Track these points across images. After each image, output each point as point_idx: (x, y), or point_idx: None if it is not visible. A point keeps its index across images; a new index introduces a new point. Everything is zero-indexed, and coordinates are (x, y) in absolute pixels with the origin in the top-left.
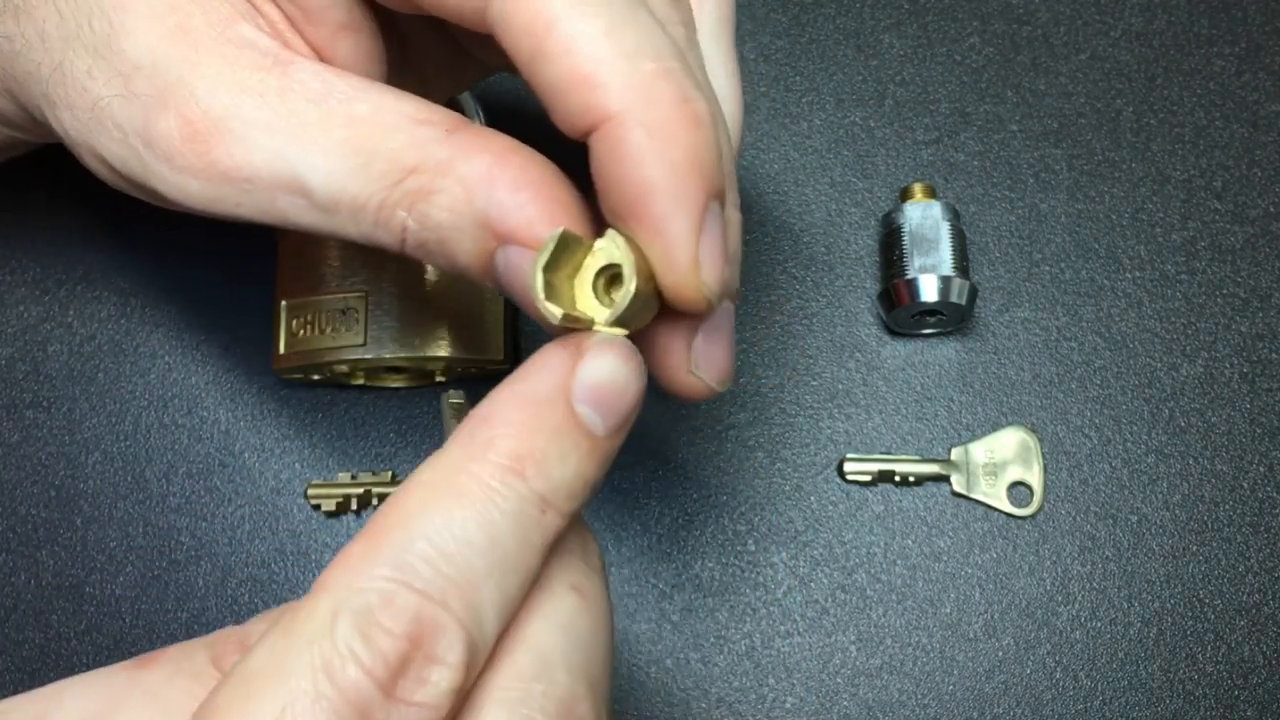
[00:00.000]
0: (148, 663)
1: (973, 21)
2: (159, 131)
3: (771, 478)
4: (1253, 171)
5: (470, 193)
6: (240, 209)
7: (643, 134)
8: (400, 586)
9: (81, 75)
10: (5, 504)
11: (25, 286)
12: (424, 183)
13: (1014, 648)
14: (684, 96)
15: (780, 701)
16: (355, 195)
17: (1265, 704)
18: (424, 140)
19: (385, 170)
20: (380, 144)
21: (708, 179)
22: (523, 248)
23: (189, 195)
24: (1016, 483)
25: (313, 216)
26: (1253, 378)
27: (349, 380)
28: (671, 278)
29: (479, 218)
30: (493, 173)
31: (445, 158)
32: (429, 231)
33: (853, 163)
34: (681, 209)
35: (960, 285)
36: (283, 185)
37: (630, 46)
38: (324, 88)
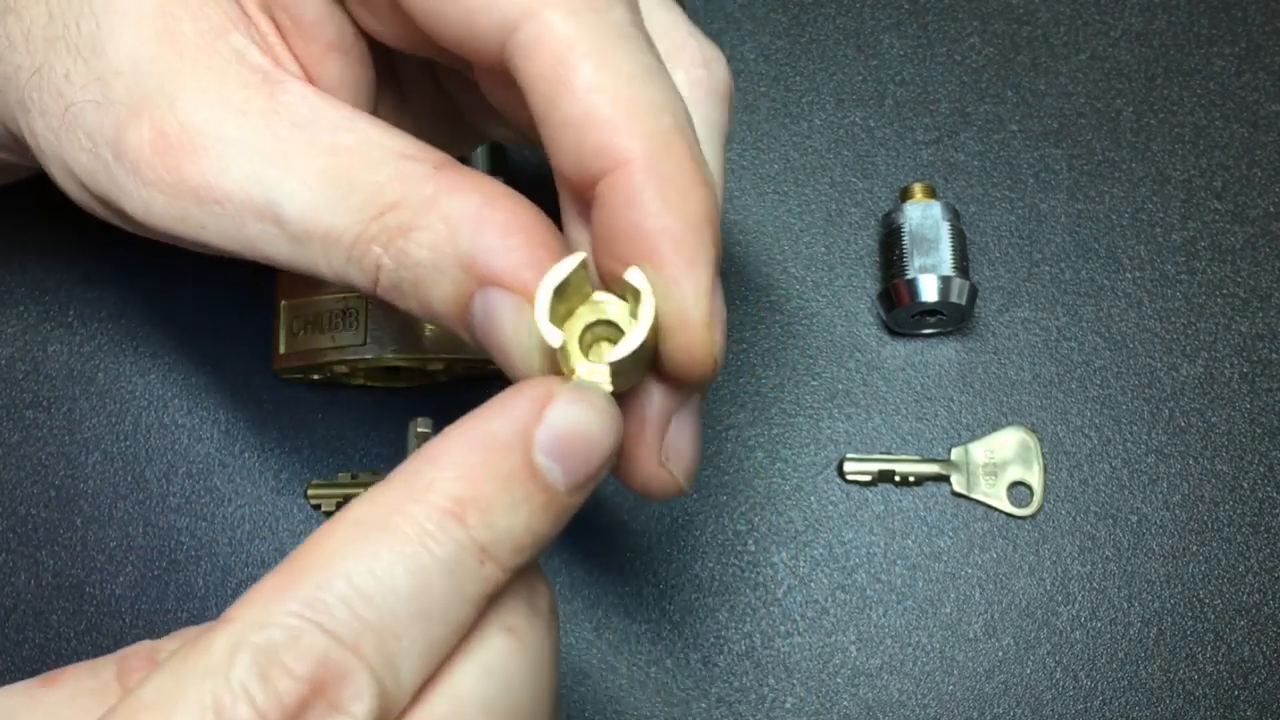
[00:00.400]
0: (50, 681)
1: (973, 21)
2: (129, 142)
3: (771, 478)
4: (1253, 171)
5: (454, 232)
6: (205, 232)
7: (662, 184)
8: (310, 625)
9: (59, 79)
10: (5, 504)
11: (25, 286)
12: (405, 219)
13: (1014, 648)
14: (695, 155)
15: (780, 701)
16: (330, 227)
17: (1265, 704)
18: (409, 176)
19: (364, 203)
20: (362, 176)
21: (716, 240)
22: (505, 292)
23: (153, 213)
24: (1016, 483)
25: (283, 247)
26: (1253, 378)
27: (349, 380)
28: (684, 335)
29: (462, 259)
30: (481, 213)
31: (430, 195)
32: (406, 270)
33: (853, 163)
34: (698, 263)
35: (960, 285)
36: (255, 210)
37: (654, 97)
38: (311, 113)
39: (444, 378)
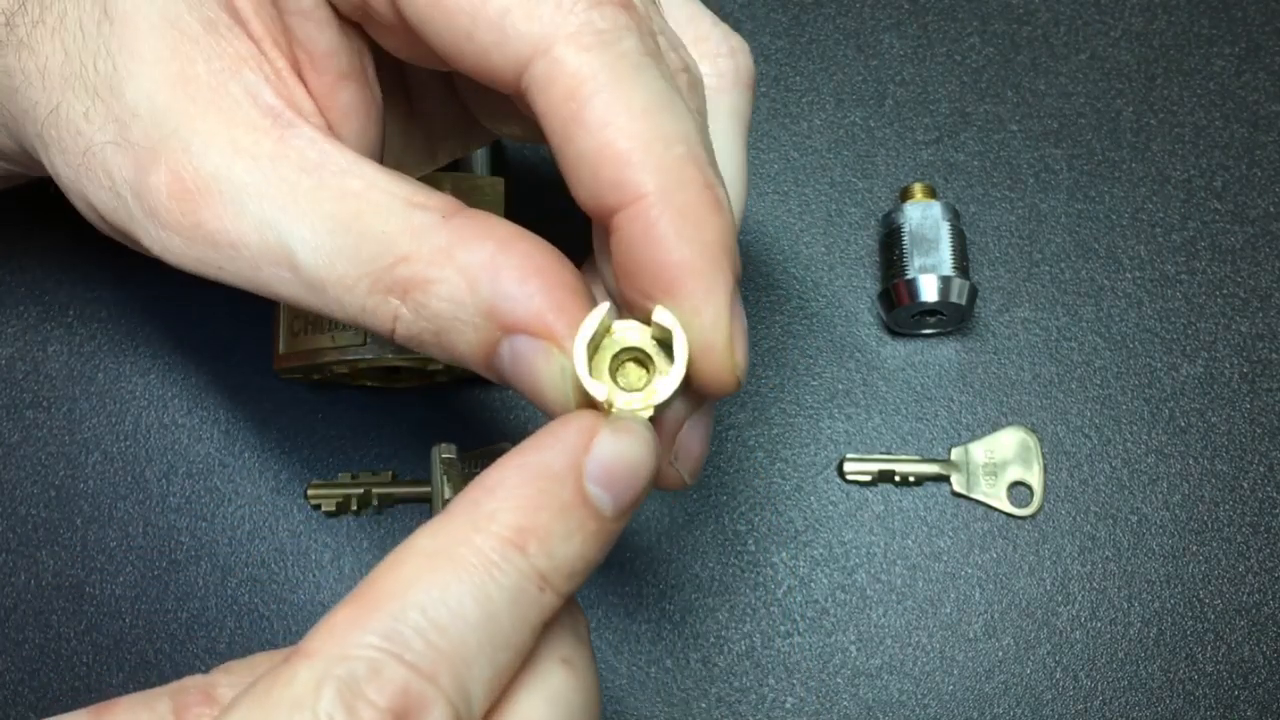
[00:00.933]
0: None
1: (973, 21)
2: (149, 185)
3: (771, 478)
4: (1253, 171)
5: (473, 283)
6: (223, 274)
7: (677, 216)
8: (389, 657)
9: (78, 118)
10: (5, 504)
11: (25, 286)
12: (418, 271)
13: (1014, 648)
14: (708, 181)
15: (780, 701)
16: (343, 276)
17: (1265, 704)
18: (419, 227)
19: (376, 254)
20: (372, 225)
21: (733, 262)
22: (533, 338)
23: (171, 253)
24: (1016, 483)
25: (298, 291)
26: (1253, 378)
27: (349, 380)
28: (708, 360)
29: (483, 308)
30: (496, 261)
31: (443, 245)
32: (426, 322)
33: (853, 163)
34: (717, 290)
35: (960, 285)
36: (269, 256)
37: (666, 129)
38: (319, 158)
39: (444, 378)
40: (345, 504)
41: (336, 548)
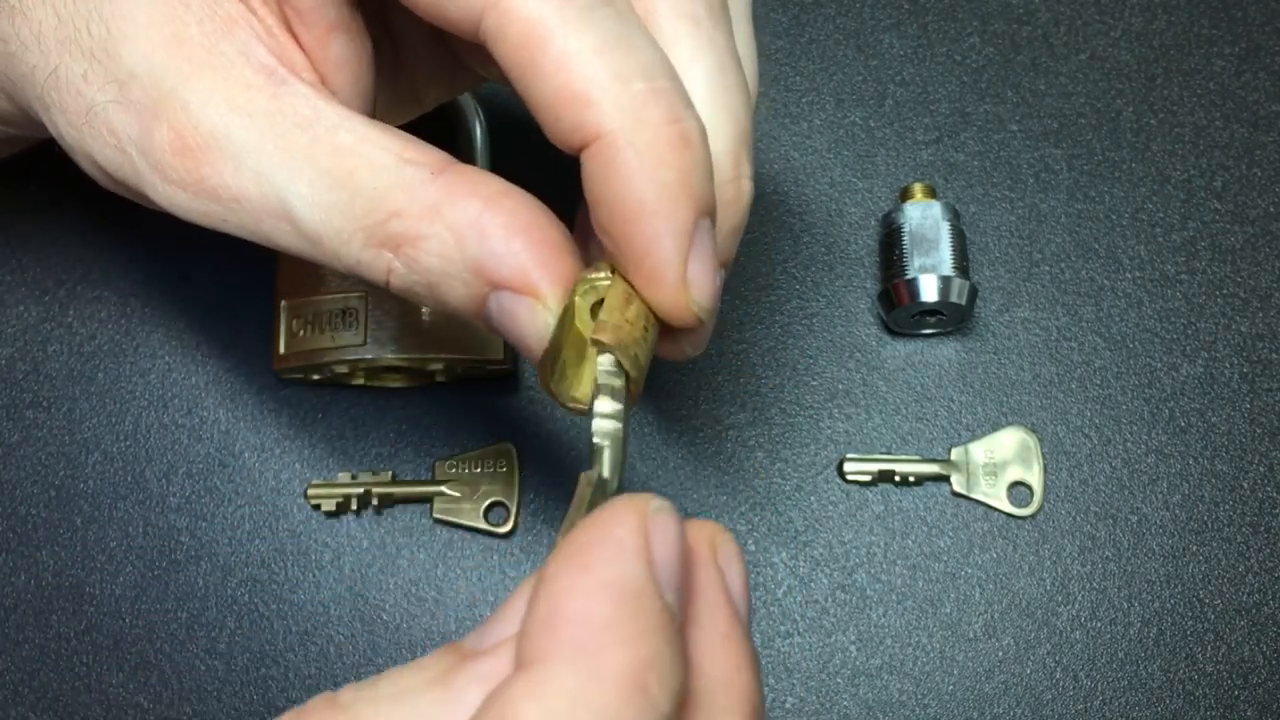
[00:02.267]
0: None
1: (973, 21)
2: (153, 142)
3: (771, 478)
4: (1253, 171)
5: (461, 240)
6: (228, 225)
7: (633, 154)
8: None
9: (77, 79)
10: (5, 504)
11: (25, 286)
12: (409, 227)
13: (1014, 648)
14: (673, 116)
15: (780, 701)
16: (339, 230)
17: (1265, 704)
18: (410, 182)
19: (368, 210)
20: (364, 181)
21: (697, 198)
22: (516, 294)
23: (178, 207)
24: (1016, 483)
25: (298, 243)
26: (1253, 378)
27: (349, 380)
28: (659, 296)
29: (471, 265)
30: (483, 219)
31: (432, 202)
32: (418, 276)
33: (853, 163)
34: (671, 230)
35: (960, 285)
36: (269, 210)
37: (622, 66)
38: (313, 113)
39: (444, 378)
40: (345, 504)
41: (336, 548)
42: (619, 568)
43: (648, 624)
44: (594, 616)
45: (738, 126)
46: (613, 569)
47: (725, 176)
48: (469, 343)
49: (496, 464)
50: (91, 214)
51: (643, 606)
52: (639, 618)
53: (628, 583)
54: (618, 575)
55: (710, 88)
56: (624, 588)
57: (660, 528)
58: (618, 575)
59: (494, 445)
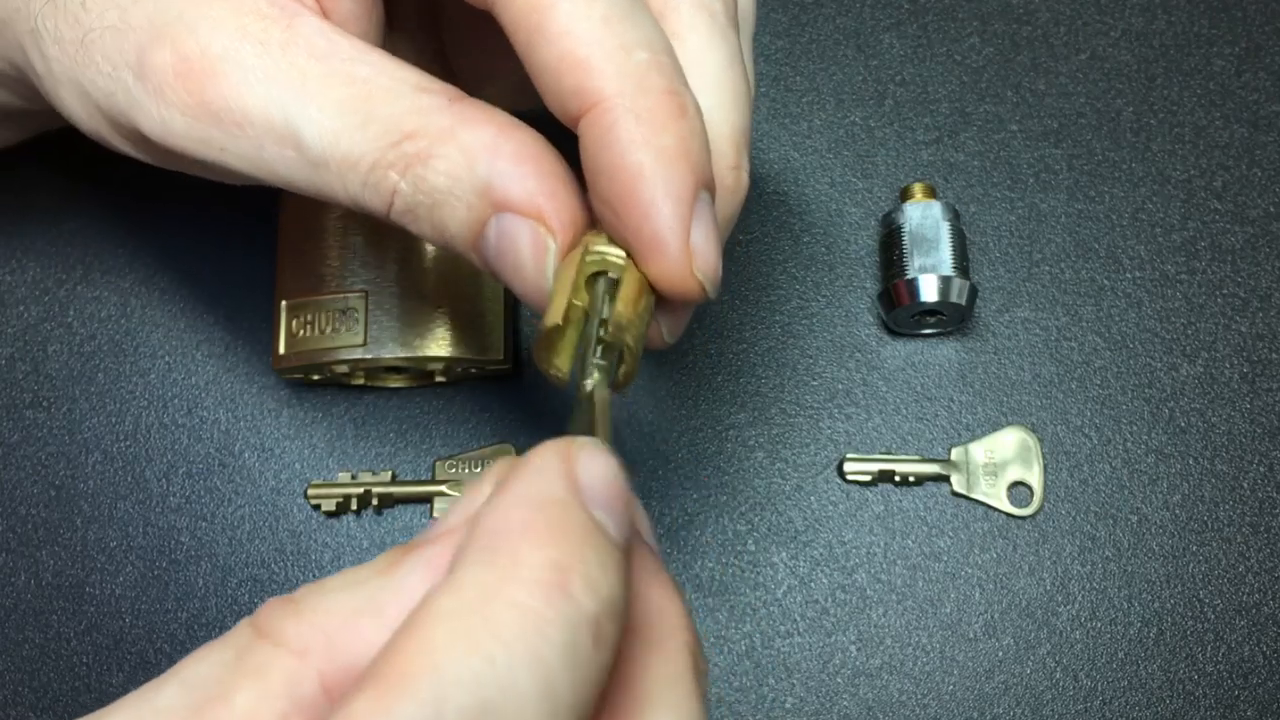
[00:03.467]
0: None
1: (973, 21)
2: (153, 64)
3: (771, 478)
4: (1253, 171)
5: (471, 160)
6: (224, 154)
7: (633, 120)
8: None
9: (75, 6)
10: (5, 504)
11: (25, 286)
12: (422, 147)
13: (1014, 648)
14: (673, 88)
15: (780, 701)
16: (348, 152)
17: (1265, 704)
18: (426, 107)
19: (382, 132)
20: (380, 107)
21: (696, 166)
22: (520, 217)
23: (171, 132)
24: (1016, 483)
25: (299, 171)
26: (1253, 378)
27: (349, 380)
28: (662, 264)
29: (478, 185)
30: (496, 142)
31: (447, 125)
32: (423, 195)
33: (853, 163)
34: (671, 195)
35: (960, 285)
36: (274, 134)
37: (627, 36)
38: (328, 46)
39: (444, 378)
40: (345, 504)
41: (336, 548)
42: (537, 484)
43: (567, 529)
44: (511, 522)
45: (742, 118)
46: (531, 485)
47: (726, 163)
48: (469, 343)
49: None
50: (92, 214)
51: (561, 514)
52: (558, 523)
53: (545, 494)
54: (534, 489)
55: (720, 77)
56: (540, 498)
57: (587, 457)
58: (534, 489)
59: (494, 445)
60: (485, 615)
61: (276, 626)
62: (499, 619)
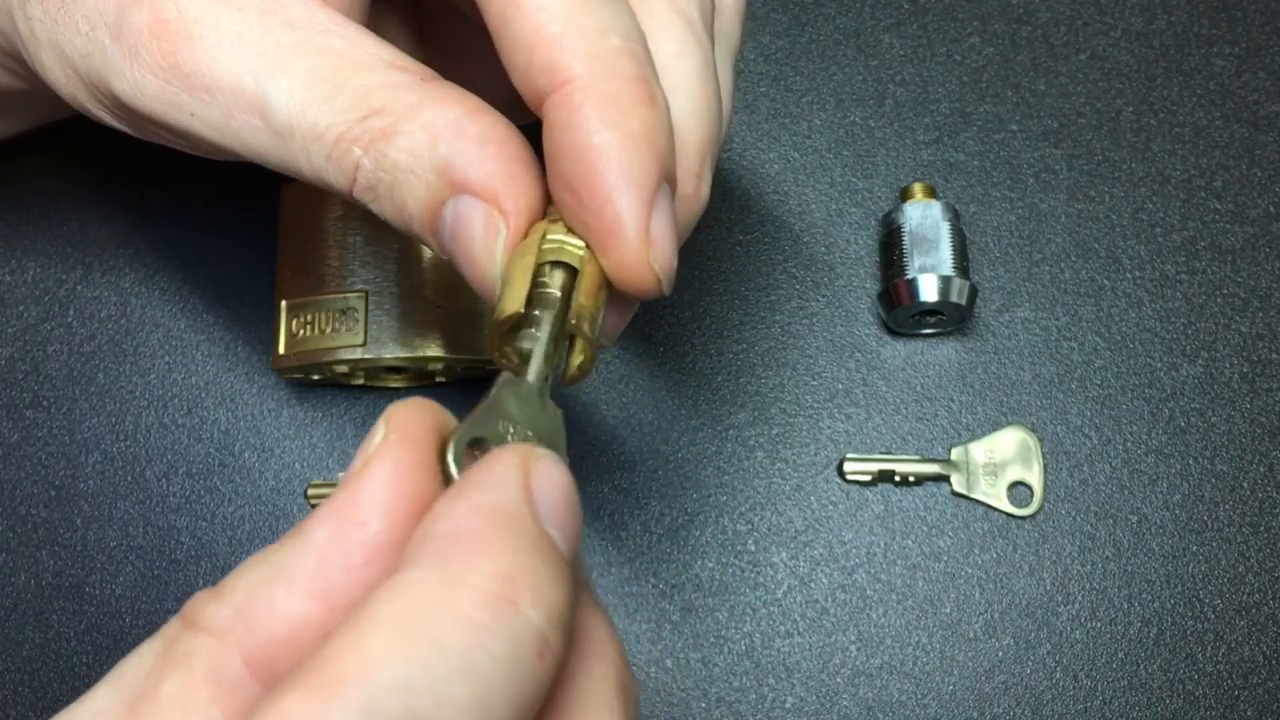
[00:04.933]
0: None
1: (973, 21)
2: (130, 24)
3: (771, 478)
4: (1253, 171)
5: (434, 138)
6: (192, 120)
7: (601, 100)
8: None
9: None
10: (5, 504)
11: (25, 286)
12: (388, 124)
13: (1014, 648)
14: (643, 75)
15: (780, 701)
16: (314, 123)
17: (1265, 704)
18: (395, 84)
19: (350, 105)
20: (351, 80)
21: (660, 157)
22: (476, 200)
23: (143, 94)
24: (1016, 483)
25: (265, 141)
26: (1253, 378)
27: (349, 380)
28: (619, 252)
29: (439, 164)
30: (461, 123)
31: (414, 102)
32: (383, 173)
33: (853, 163)
34: (635, 181)
35: (960, 285)
36: (243, 101)
37: (602, 20)
38: (306, 16)
39: (444, 378)
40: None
41: None
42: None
43: (520, 543)
44: (464, 530)
45: (709, 129)
46: (488, 495)
47: (689, 170)
48: (469, 343)
49: None
50: (91, 215)
51: (516, 527)
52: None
53: (501, 505)
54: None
55: (690, 83)
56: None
57: (544, 470)
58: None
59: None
60: (427, 623)
61: (199, 613)
62: (441, 628)
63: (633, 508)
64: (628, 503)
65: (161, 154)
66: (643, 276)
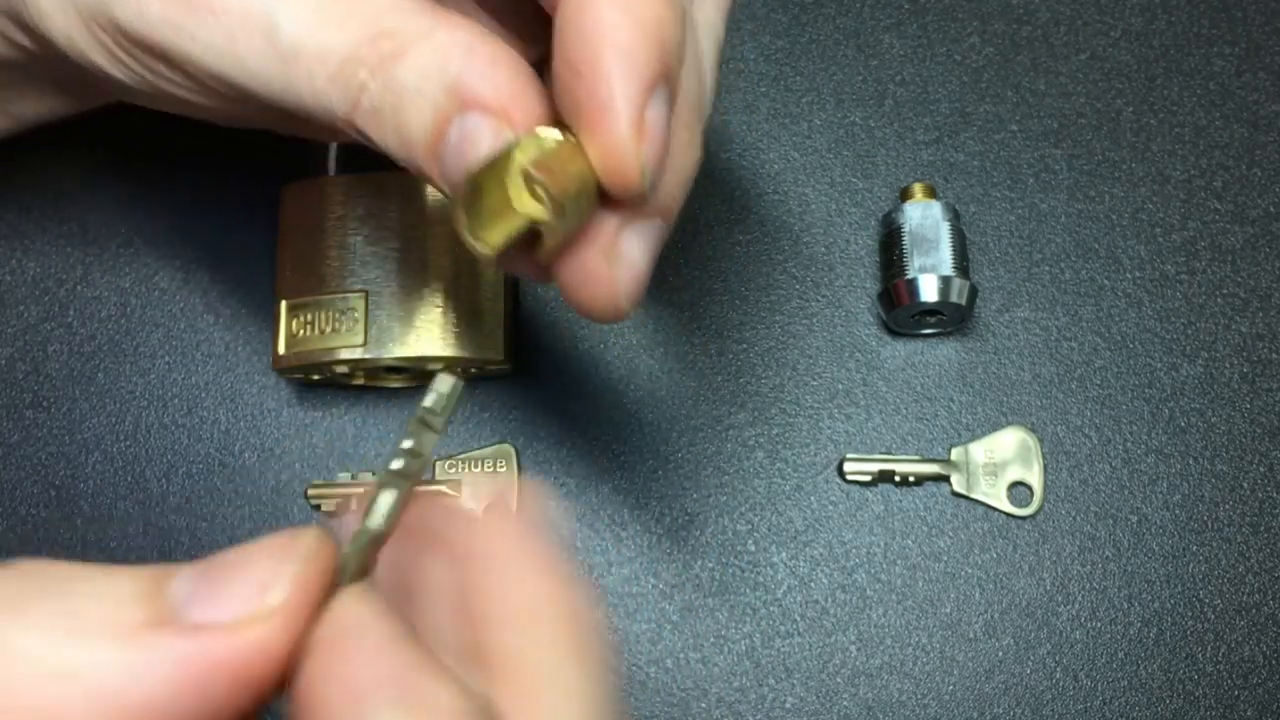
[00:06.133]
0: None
1: (973, 21)
2: None
3: (771, 478)
4: (1253, 171)
5: (445, 58)
6: (194, 45)
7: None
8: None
9: None
10: (5, 504)
11: (25, 286)
12: (398, 45)
13: (1014, 648)
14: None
15: (780, 701)
16: (322, 43)
17: (1265, 704)
18: (407, 7)
19: (361, 25)
20: (362, 2)
21: (665, 50)
22: (486, 115)
23: (145, 18)
24: (1016, 483)
25: (268, 64)
26: (1253, 378)
27: (349, 380)
28: (606, 133)
29: (449, 82)
30: (472, 44)
31: (426, 25)
32: (390, 94)
33: (853, 163)
34: (635, 62)
35: (960, 285)
36: (248, 22)
37: None
38: None
39: None
40: (345, 504)
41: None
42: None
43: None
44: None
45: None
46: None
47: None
48: (469, 343)
49: (496, 464)
50: (92, 214)
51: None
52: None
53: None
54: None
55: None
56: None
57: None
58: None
59: (494, 445)
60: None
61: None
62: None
63: (633, 508)
64: (628, 503)
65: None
66: (627, 164)
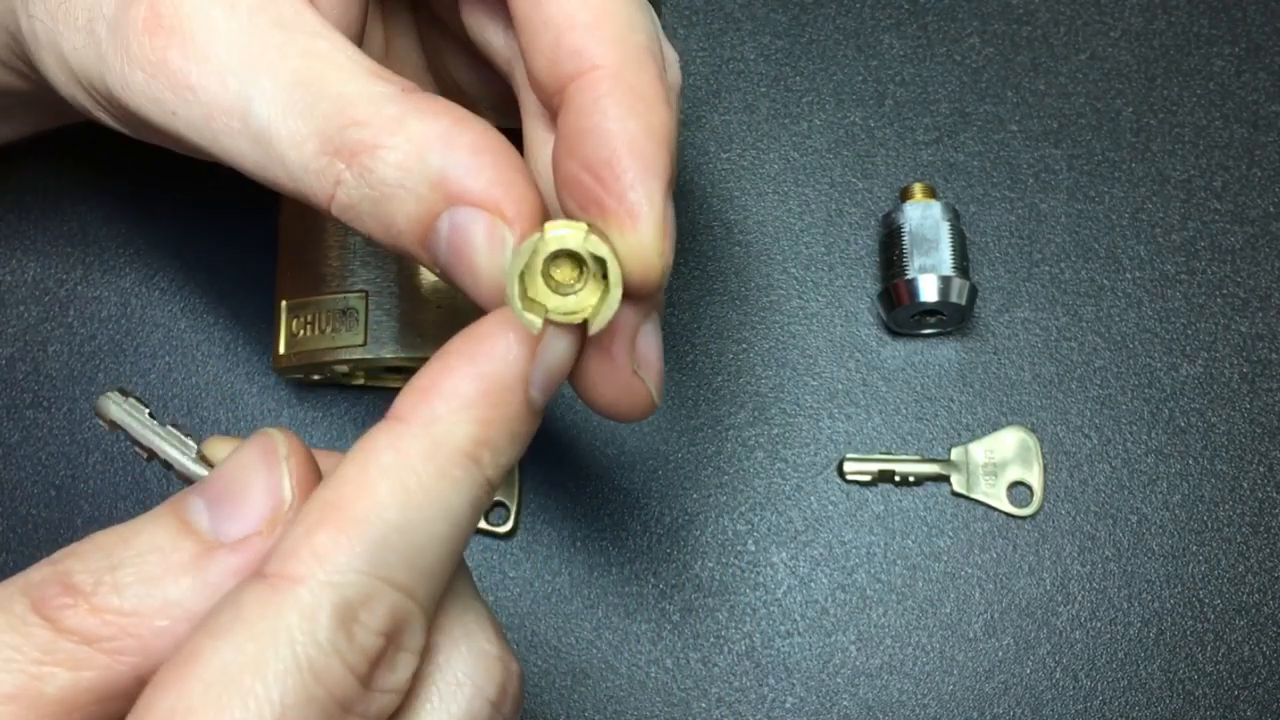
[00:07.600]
0: None
1: (973, 21)
2: (127, 18)
3: (771, 478)
4: (1253, 171)
5: (424, 151)
6: (175, 120)
7: (628, 92)
8: (380, 583)
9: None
10: (5, 504)
11: (25, 286)
12: (368, 136)
13: (1014, 648)
14: (662, 78)
15: (780, 701)
16: (294, 131)
17: (1265, 704)
18: (377, 95)
19: (331, 113)
20: (332, 84)
21: (672, 157)
22: (477, 210)
23: (130, 89)
24: (1016, 483)
25: (244, 146)
26: (1253, 378)
27: (349, 380)
28: (636, 237)
29: (431, 176)
30: (450, 133)
31: (396, 115)
32: (369, 189)
33: (853, 163)
34: (656, 173)
35: (960, 285)
36: (224, 105)
37: (632, 16)
38: (295, 17)
39: None
40: None
41: None
42: (493, 364)
43: (500, 413)
44: (454, 392)
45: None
46: (489, 364)
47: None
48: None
49: None
50: (92, 214)
51: (503, 398)
52: (495, 405)
53: (496, 376)
54: (491, 369)
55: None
56: (490, 380)
57: (555, 340)
58: (491, 369)
59: None
60: (419, 474)
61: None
62: (430, 478)
63: (633, 508)
64: (628, 503)
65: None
66: (651, 264)
